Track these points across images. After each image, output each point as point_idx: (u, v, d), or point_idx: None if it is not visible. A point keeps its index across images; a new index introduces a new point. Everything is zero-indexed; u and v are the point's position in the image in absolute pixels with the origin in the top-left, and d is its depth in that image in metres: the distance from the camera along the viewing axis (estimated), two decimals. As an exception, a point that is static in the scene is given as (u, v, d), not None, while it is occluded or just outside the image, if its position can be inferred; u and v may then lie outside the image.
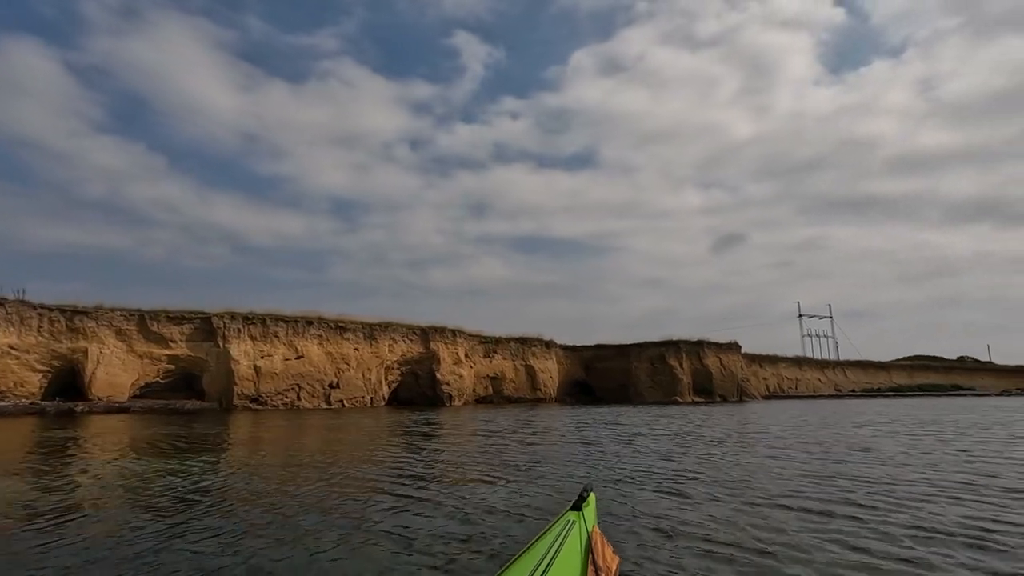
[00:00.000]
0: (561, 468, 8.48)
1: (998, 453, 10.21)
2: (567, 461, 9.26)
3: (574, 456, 9.92)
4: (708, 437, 13.65)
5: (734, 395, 50.76)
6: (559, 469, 8.40)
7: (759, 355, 65.06)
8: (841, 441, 12.54)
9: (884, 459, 9.41)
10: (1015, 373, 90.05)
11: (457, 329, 41.10)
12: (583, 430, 16.00)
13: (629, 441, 12.03)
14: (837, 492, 6.49)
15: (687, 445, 11.78)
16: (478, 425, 18.23)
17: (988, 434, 14.19)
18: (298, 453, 10.89)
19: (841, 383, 74.16)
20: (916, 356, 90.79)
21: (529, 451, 10.80)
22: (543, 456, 10.06)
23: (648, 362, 50.87)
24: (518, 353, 47.28)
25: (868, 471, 8.09)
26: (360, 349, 35.29)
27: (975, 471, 8.05)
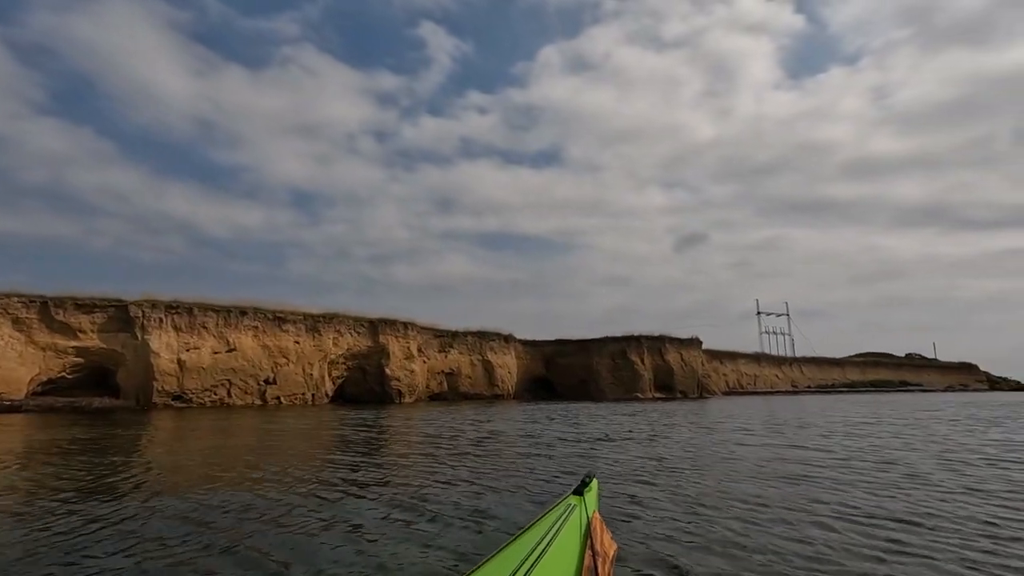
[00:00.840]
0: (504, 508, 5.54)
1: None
2: (506, 493, 6.18)
3: (519, 484, 6.76)
4: (690, 446, 11.88)
5: (695, 391, 50.00)
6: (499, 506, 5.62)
7: (719, 351, 64.88)
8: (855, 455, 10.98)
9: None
10: (958, 370, 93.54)
11: (409, 322, 38.70)
12: (535, 434, 14.05)
13: (591, 450, 9.99)
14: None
15: (669, 462, 9.95)
16: (417, 426, 16.11)
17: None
18: (187, 459, 8.55)
19: (797, 379, 75.00)
20: (868, 353, 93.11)
21: (457, 473, 8.75)
22: (474, 478, 8.03)
23: (610, 358, 49.58)
24: (475, 348, 45.17)
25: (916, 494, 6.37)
26: (301, 342, 32.53)
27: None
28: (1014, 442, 10.81)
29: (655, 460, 8.52)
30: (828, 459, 8.45)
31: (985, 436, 12.08)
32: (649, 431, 13.75)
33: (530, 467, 7.90)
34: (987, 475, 7.07)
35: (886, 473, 7.19)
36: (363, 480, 6.89)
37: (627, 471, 7.47)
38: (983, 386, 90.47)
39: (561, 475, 7.19)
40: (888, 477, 6.93)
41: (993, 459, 8.46)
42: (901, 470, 7.43)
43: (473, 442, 11.19)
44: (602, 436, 12.47)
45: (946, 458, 8.60)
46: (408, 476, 7.26)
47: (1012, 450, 9.55)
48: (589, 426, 15.45)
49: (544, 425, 15.81)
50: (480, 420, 18.21)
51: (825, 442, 10.90)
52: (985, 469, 7.54)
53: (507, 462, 8.46)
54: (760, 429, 14.23)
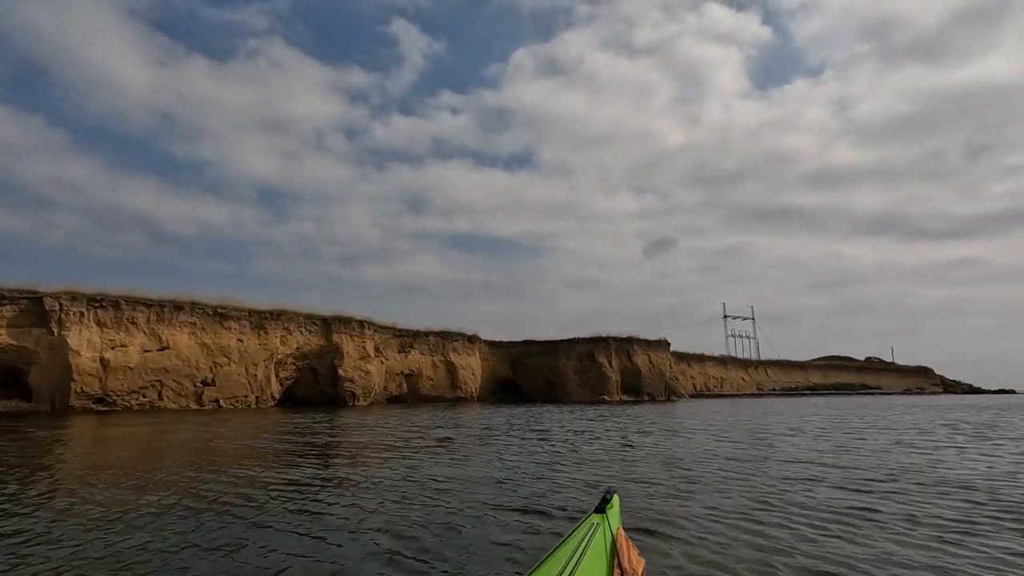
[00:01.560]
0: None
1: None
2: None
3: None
4: (677, 463, 10.32)
5: (662, 394, 49.10)
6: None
7: (687, 354, 64.39)
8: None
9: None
10: (915, 373, 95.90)
11: (366, 320, 36.49)
12: (489, 440, 12.34)
13: (553, 473, 7.32)
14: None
15: (662, 500, 8.28)
16: (359, 438, 14.22)
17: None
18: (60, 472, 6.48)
19: (763, 382, 75.26)
20: (830, 356, 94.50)
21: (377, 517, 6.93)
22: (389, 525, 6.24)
23: (577, 359, 48.24)
24: (437, 348, 43.19)
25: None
26: (245, 340, 30.03)
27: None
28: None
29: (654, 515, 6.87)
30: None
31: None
32: (620, 440, 12.21)
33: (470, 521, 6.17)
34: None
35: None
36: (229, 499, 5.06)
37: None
38: (938, 389, 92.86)
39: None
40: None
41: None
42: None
43: (413, 453, 9.41)
44: (569, 450, 10.84)
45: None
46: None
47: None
48: (553, 435, 13.81)
49: (501, 442, 14.08)
50: (428, 427, 16.41)
51: (860, 461, 9.48)
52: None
53: (436, 494, 6.72)
54: (755, 446, 12.84)
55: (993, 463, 8.20)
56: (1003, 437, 12.38)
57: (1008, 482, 6.58)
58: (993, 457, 8.90)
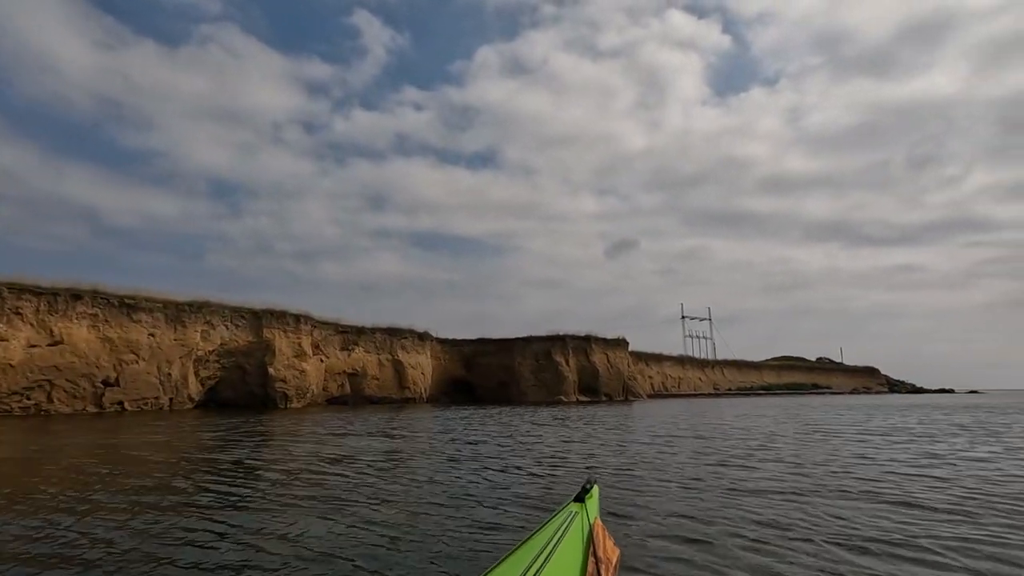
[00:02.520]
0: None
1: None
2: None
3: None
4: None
5: (620, 394, 47.66)
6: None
7: (645, 353, 63.47)
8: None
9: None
10: (863, 373, 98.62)
11: (303, 314, 33.44)
12: (395, 461, 10.00)
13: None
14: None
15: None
16: (274, 452, 11.67)
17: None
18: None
19: (719, 381, 75.31)
20: (783, 357, 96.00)
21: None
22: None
23: (533, 358, 46.27)
24: (384, 346, 40.41)
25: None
26: (157, 335, 26.61)
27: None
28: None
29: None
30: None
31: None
32: (583, 450, 10.07)
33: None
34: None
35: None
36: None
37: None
38: (884, 389, 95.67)
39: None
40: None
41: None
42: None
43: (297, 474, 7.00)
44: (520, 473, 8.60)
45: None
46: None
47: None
48: (482, 454, 11.56)
49: (431, 459, 11.75)
50: (354, 434, 13.92)
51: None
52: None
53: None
54: (736, 452, 10.91)
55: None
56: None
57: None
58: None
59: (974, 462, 8.30)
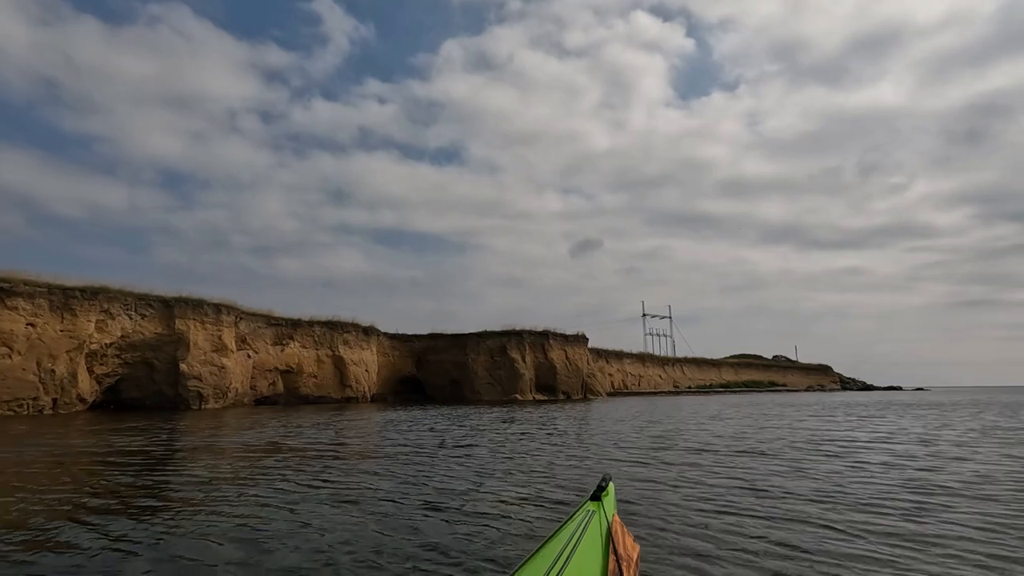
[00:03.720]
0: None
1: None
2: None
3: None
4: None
5: (579, 392, 45.48)
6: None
7: (605, 350, 61.70)
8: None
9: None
10: (817, 371, 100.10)
11: (225, 304, 29.74)
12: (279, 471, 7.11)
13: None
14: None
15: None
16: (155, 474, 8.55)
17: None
18: None
19: (679, 379, 74.43)
20: (741, 355, 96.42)
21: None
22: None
23: (487, 355, 43.56)
24: (324, 340, 36.97)
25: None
26: (38, 324, 22.61)
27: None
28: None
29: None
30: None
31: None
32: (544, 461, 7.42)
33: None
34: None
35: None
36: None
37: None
38: (836, 387, 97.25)
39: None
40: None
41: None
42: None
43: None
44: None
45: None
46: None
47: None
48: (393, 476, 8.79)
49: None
50: (250, 444, 10.90)
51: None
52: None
53: None
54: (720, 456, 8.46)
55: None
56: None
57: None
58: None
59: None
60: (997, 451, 9.14)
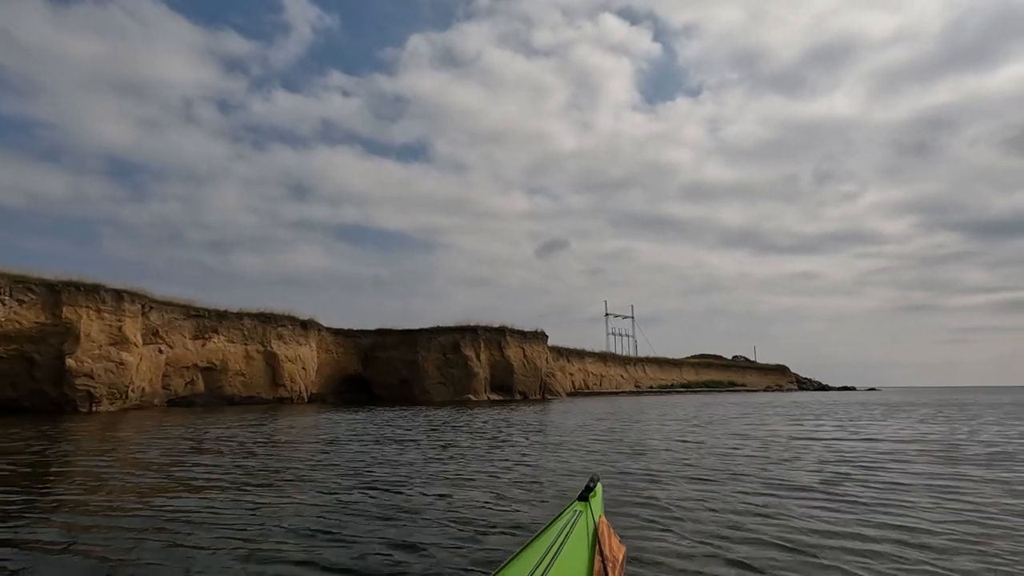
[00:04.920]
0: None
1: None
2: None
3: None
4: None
5: (537, 392, 42.88)
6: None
7: (567, 349, 59.44)
8: None
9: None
10: (775, 371, 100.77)
11: (129, 290, 25.78)
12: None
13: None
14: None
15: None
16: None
17: None
18: None
19: (641, 379, 72.99)
20: (702, 355, 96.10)
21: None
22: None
23: (439, 352, 40.50)
24: (255, 335, 33.21)
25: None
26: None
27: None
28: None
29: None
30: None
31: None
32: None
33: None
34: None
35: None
36: None
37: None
38: (793, 386, 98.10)
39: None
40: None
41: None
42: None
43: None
44: None
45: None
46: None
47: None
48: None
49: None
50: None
51: None
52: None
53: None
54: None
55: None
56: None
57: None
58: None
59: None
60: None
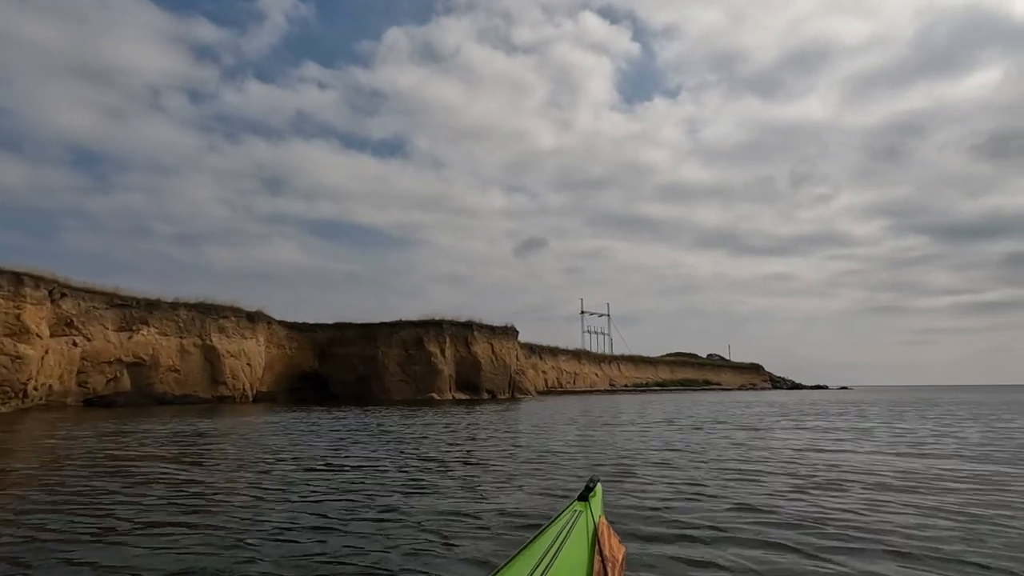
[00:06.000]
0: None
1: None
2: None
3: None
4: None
5: (506, 391, 40.43)
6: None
7: (539, 346, 57.19)
8: None
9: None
10: (749, 370, 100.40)
11: (33, 274, 22.53)
12: None
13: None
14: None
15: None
16: None
17: None
18: None
19: (615, 377, 71.25)
20: (677, 353, 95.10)
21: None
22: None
23: (401, 348, 37.78)
24: (191, 327, 30.06)
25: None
26: None
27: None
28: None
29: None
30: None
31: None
32: None
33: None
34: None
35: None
36: None
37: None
38: (767, 385, 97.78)
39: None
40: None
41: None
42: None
43: None
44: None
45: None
46: None
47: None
48: None
49: None
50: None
51: None
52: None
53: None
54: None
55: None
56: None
57: None
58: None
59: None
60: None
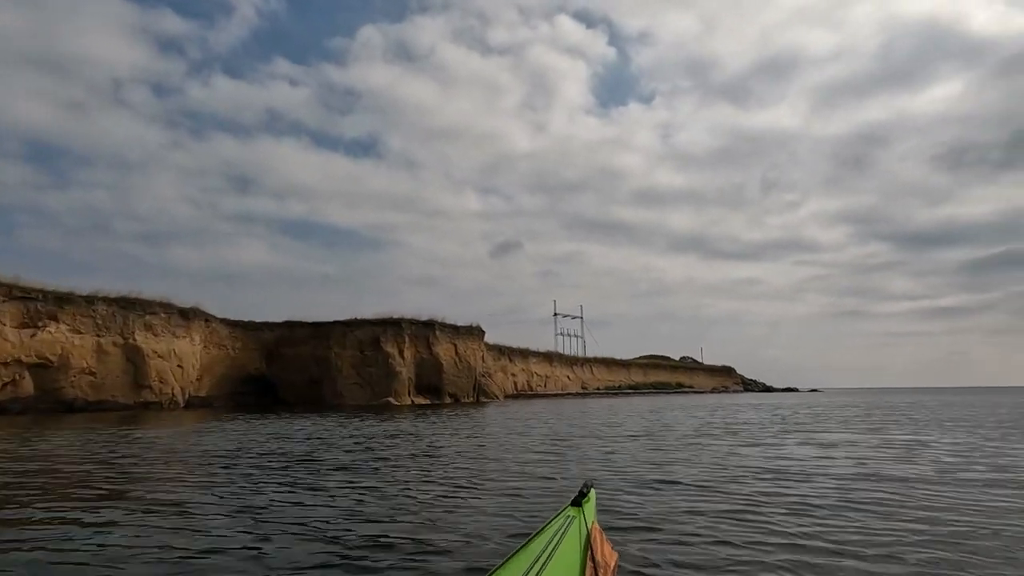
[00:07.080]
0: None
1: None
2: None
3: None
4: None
5: (470, 394, 37.85)
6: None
7: (508, 348, 54.76)
8: None
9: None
10: (721, 372, 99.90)
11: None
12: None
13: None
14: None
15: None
16: None
17: None
18: None
19: (588, 380, 69.30)
20: (650, 356, 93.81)
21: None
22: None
23: (356, 348, 34.89)
24: (111, 324, 26.70)
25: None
26: None
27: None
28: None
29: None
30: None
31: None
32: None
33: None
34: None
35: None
36: None
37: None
38: (739, 387, 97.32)
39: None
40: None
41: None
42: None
43: None
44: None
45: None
46: None
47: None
48: None
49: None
50: None
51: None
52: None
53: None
54: None
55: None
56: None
57: None
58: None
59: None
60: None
